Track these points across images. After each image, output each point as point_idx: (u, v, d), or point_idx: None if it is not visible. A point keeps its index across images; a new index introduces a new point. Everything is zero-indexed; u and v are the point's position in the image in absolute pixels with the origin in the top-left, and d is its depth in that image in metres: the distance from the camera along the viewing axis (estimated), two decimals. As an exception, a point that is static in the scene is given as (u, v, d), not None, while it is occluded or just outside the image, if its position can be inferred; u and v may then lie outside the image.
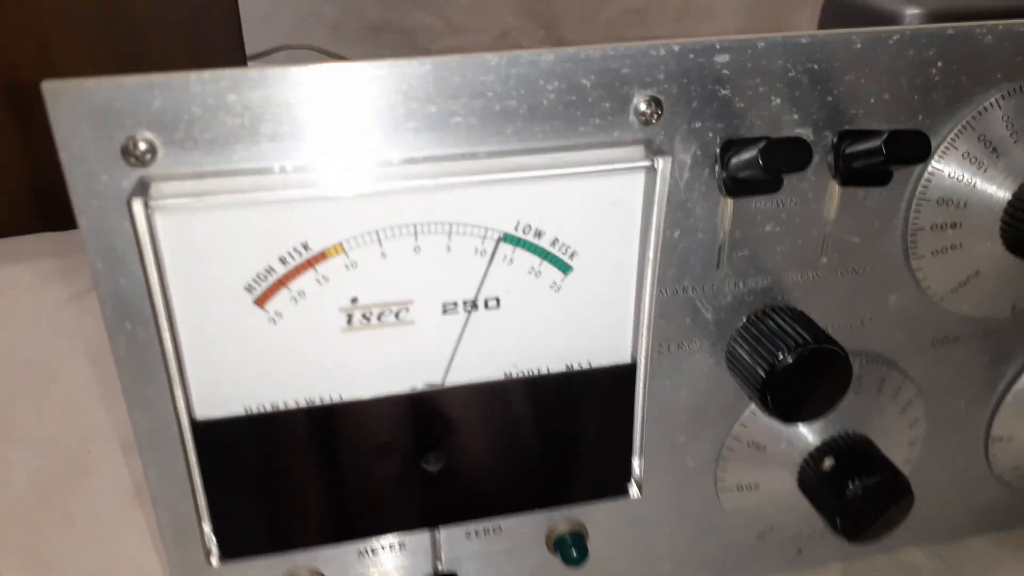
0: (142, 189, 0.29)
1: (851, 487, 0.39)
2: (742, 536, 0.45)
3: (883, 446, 0.42)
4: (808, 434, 0.42)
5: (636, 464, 0.40)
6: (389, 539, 0.39)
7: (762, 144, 0.32)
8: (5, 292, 0.74)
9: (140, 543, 0.49)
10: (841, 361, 0.35)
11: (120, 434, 0.57)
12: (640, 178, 0.33)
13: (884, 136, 0.34)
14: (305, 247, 0.31)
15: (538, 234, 0.33)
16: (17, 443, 0.56)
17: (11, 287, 0.74)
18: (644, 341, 0.36)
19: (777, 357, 0.36)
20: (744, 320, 0.38)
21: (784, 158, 0.31)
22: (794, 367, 0.35)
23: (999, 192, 0.37)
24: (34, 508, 0.51)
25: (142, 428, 0.34)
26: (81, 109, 0.28)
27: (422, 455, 0.36)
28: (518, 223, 0.33)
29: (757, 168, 0.32)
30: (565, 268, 0.34)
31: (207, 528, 0.36)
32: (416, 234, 0.32)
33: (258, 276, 0.32)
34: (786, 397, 0.36)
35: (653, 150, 0.33)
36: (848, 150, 0.35)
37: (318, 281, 0.32)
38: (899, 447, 0.44)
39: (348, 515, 0.37)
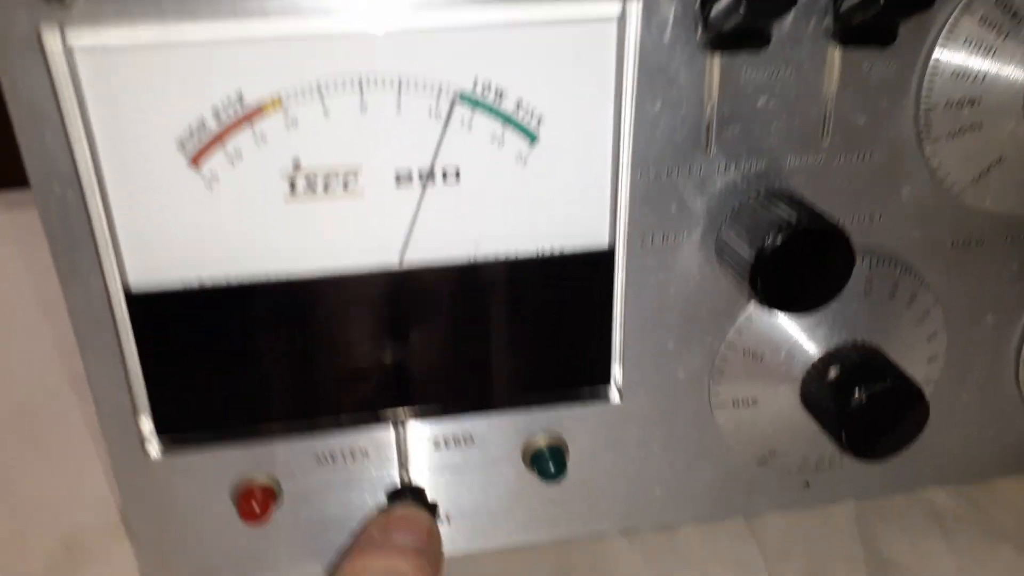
0: (59, 23, 0.27)
1: (857, 395, 0.36)
2: (741, 461, 0.41)
3: (897, 360, 0.38)
4: (811, 343, 0.38)
5: (617, 369, 0.37)
6: (351, 442, 0.36)
7: (742, -14, 0.28)
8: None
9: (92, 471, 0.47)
10: (841, 241, 0.32)
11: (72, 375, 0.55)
12: (612, 29, 0.30)
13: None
14: (239, 99, 0.29)
15: (499, 94, 0.30)
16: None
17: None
18: (621, 225, 0.33)
19: (769, 235, 0.32)
20: (736, 204, 0.35)
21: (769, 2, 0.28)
22: (787, 245, 0.32)
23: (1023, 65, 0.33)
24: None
25: (76, 304, 0.31)
26: (-8, -66, 0.26)
27: (377, 344, 0.34)
28: (476, 79, 0.30)
29: (736, 15, 0.28)
30: (531, 136, 0.31)
31: (145, 418, 0.34)
32: (361, 88, 0.29)
33: (190, 129, 0.29)
34: (779, 282, 0.32)
35: (623, -5, 0.30)
36: (846, 3, 0.31)
37: (255, 142, 0.30)
38: (916, 363, 0.40)
39: (297, 401, 0.34)
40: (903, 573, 0.41)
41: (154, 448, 0.34)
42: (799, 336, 0.38)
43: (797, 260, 0.32)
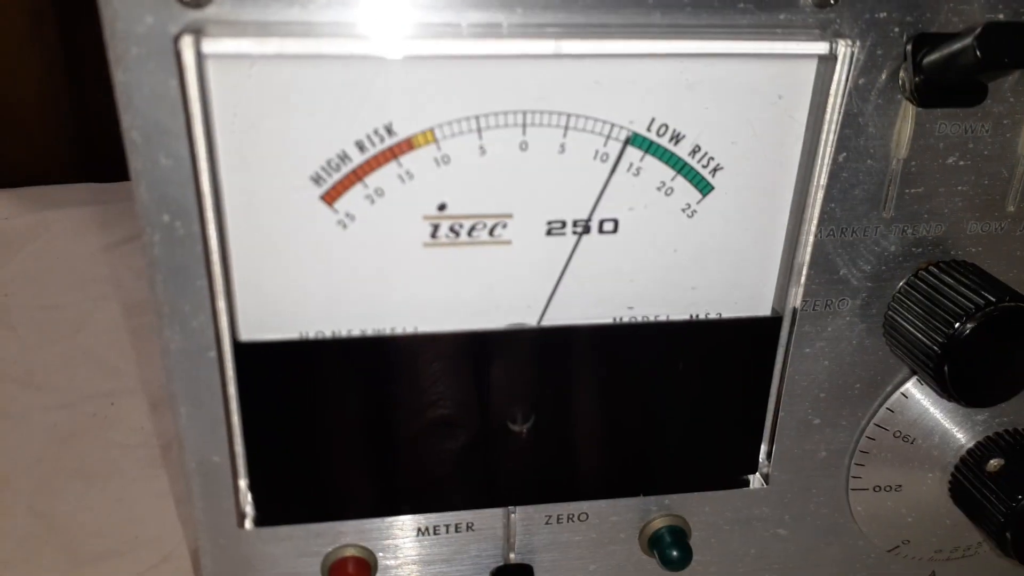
0: (194, 29, 0.23)
1: (1025, 494, 0.32)
2: (871, 549, 0.37)
3: (1058, 450, 0.34)
4: (966, 428, 0.34)
5: (764, 448, 0.33)
6: (455, 517, 0.32)
7: (978, 30, 0.25)
8: (40, 237, 0.69)
9: (158, 504, 0.43)
10: (1040, 325, 0.28)
11: (148, 390, 0.52)
12: (811, 68, 0.26)
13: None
14: (389, 131, 0.25)
15: (676, 138, 0.27)
16: (37, 391, 0.51)
17: (46, 232, 0.70)
18: (795, 291, 0.29)
19: (960, 319, 0.28)
20: (911, 276, 0.31)
21: (1009, 47, 0.24)
22: (980, 332, 0.28)
23: None
24: (48, 460, 0.46)
25: (174, 350, 0.27)
26: (126, -74, 0.23)
27: (507, 411, 0.30)
28: (652, 121, 0.26)
29: (970, 61, 0.25)
30: (704, 187, 0.28)
31: (243, 483, 0.30)
32: (524, 125, 0.26)
33: (329, 164, 0.25)
34: (969, 372, 0.29)
35: (831, 33, 0.26)
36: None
37: (401, 177, 0.26)
38: (1075, 453, 0.36)
39: (412, 480, 0.30)
40: None
41: (250, 518, 0.30)
42: (955, 419, 0.34)
43: (989, 346, 0.28)
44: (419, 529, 0.32)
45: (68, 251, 0.69)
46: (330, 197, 0.26)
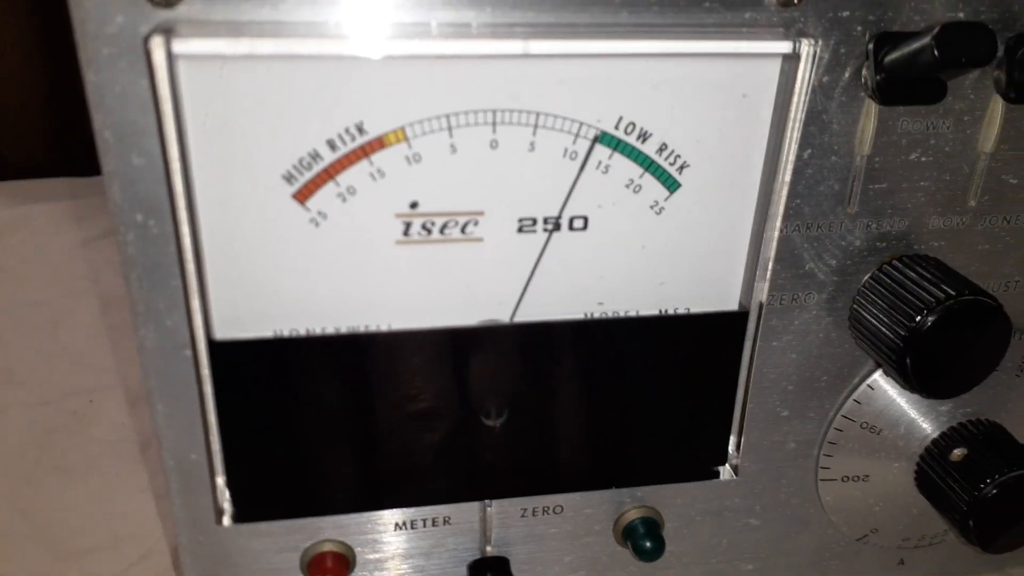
0: (165, 29, 0.23)
1: (987, 484, 0.33)
2: (840, 537, 0.38)
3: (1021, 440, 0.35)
4: (931, 419, 0.35)
5: (733, 440, 0.33)
6: (432, 511, 0.33)
7: (936, 30, 0.25)
8: (18, 231, 0.69)
9: (138, 500, 0.43)
10: (997, 315, 0.29)
11: (127, 385, 0.52)
12: (776, 67, 0.27)
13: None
14: (360, 129, 0.25)
15: (643, 136, 0.27)
16: (16, 386, 0.51)
17: (25, 226, 0.69)
18: (762, 286, 0.30)
19: (922, 312, 0.29)
20: (875, 270, 0.32)
21: (966, 46, 0.25)
22: (940, 324, 0.29)
23: None
24: (28, 457, 0.46)
25: (150, 348, 0.28)
26: (96, -72, 0.23)
27: (481, 406, 0.30)
28: (620, 119, 0.27)
29: (928, 59, 0.25)
30: (672, 184, 0.28)
31: (220, 481, 0.30)
32: (495, 123, 0.26)
33: (301, 163, 0.26)
34: (932, 363, 0.29)
35: (795, 32, 0.26)
36: (1020, 57, 0.28)
37: (372, 176, 0.26)
38: (1037, 442, 0.37)
39: (388, 475, 0.31)
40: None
41: (228, 514, 0.30)
42: (920, 410, 0.35)
43: (949, 339, 0.29)
44: (397, 524, 0.33)
45: (47, 246, 0.68)
46: (302, 196, 0.26)
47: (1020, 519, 0.33)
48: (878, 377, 0.34)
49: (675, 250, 0.29)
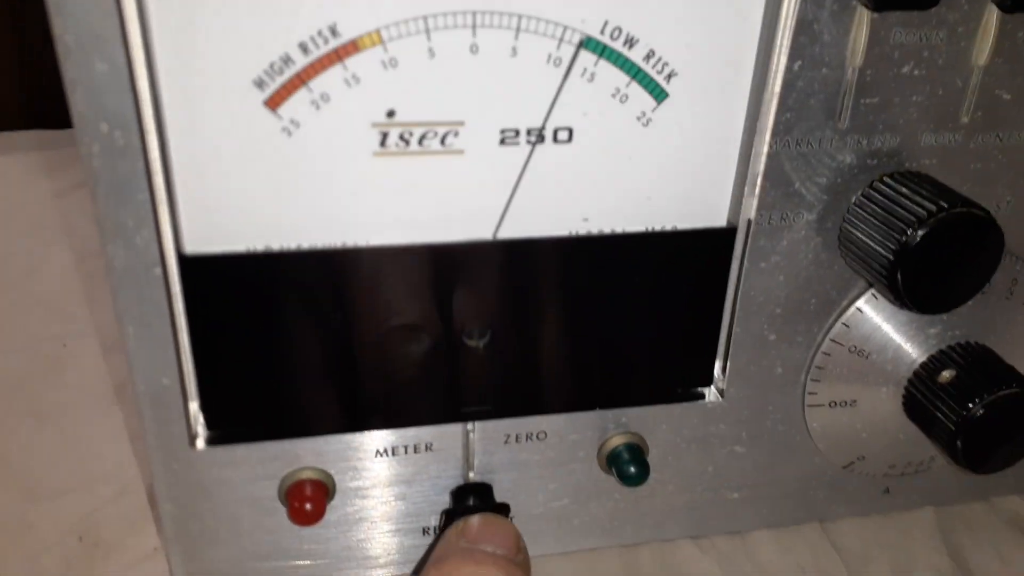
0: (122, -83, 0.22)
1: (975, 403, 0.32)
2: (826, 465, 0.38)
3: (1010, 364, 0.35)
4: (920, 343, 0.35)
5: (719, 364, 0.33)
6: (414, 437, 0.32)
7: (932, -76, 0.24)
8: (-12, 183, 0.67)
9: (114, 442, 0.42)
10: (991, 228, 0.28)
11: (101, 333, 0.51)
12: (767, -33, 0.26)
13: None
14: (333, 31, 0.24)
15: (630, 42, 0.26)
16: (-12, 334, 0.50)
17: (-5, 179, 0.68)
18: (751, 202, 0.29)
19: (912, 226, 0.28)
20: (866, 187, 0.31)
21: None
22: (931, 238, 0.28)
23: None
24: (0, 402, 0.45)
25: (118, 267, 0.27)
26: None
27: (463, 326, 0.29)
28: (605, 24, 0.26)
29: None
30: (659, 94, 0.27)
31: (194, 406, 0.30)
32: (475, 26, 0.25)
33: (272, 67, 0.24)
34: (924, 279, 0.29)
35: (787, -70, 0.25)
36: (1022, -39, 0.27)
37: (347, 81, 0.25)
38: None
39: (368, 396, 0.30)
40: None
41: (202, 438, 0.29)
42: (908, 334, 0.34)
43: (941, 253, 0.29)
44: (378, 450, 0.32)
45: (17, 198, 0.67)
46: (273, 102, 0.25)
47: (1008, 438, 0.33)
48: (866, 301, 0.34)
49: (662, 163, 0.28)
